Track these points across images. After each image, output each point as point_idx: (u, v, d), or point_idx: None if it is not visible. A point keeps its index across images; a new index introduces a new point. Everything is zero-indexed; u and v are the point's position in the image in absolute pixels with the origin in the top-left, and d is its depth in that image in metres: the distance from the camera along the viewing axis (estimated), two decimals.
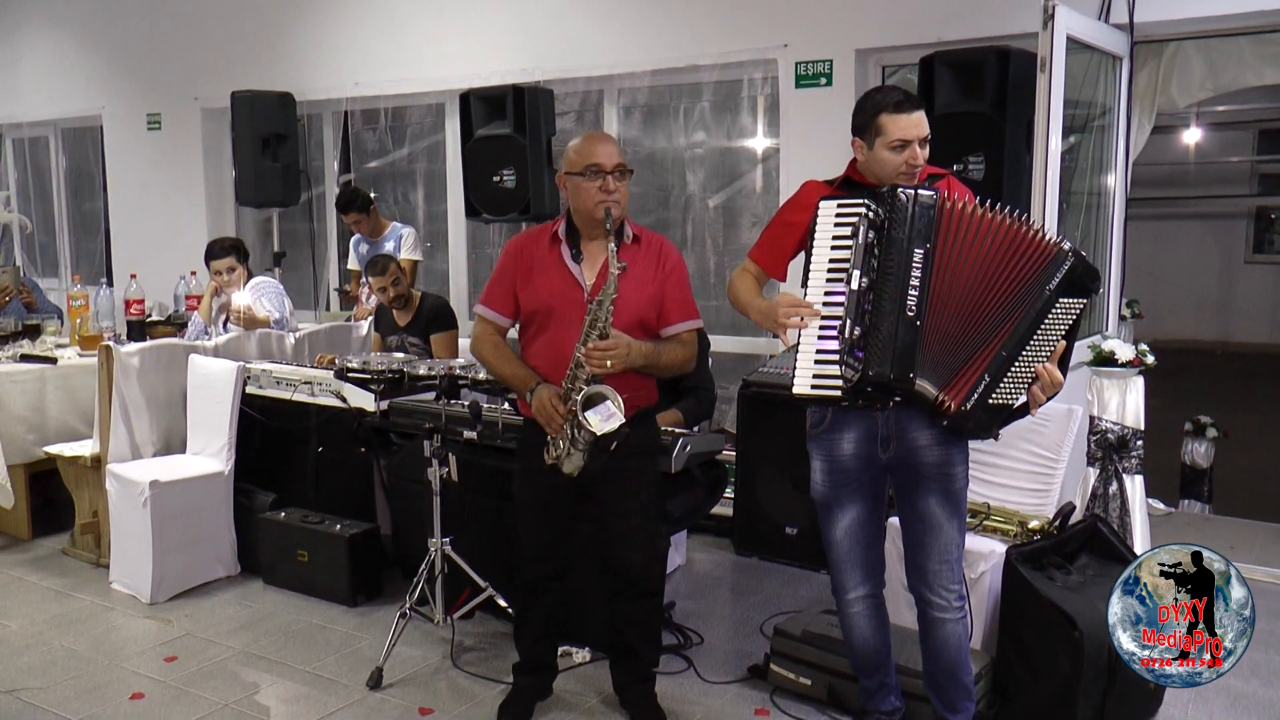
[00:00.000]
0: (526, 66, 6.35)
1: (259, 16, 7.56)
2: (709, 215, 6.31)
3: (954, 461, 2.98)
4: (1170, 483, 6.04)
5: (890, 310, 2.78)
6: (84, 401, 5.36)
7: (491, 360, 3.34)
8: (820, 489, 3.11)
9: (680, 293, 3.33)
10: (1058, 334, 2.79)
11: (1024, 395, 2.83)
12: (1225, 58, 4.97)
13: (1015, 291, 2.79)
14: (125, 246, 8.65)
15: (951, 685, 3.12)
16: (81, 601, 4.65)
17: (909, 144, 2.93)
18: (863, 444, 3.01)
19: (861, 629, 3.20)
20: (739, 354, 6.03)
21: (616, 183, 3.16)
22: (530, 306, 3.27)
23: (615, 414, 3.06)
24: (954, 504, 3.00)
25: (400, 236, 6.51)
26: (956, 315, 2.81)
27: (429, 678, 3.86)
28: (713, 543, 5.31)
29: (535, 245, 3.30)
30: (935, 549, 3.02)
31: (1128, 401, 4.20)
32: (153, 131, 8.29)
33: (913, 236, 2.78)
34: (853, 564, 3.14)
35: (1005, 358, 2.78)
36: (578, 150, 3.21)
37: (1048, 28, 4.15)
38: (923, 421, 2.93)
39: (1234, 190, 13.11)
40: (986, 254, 2.80)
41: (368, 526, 4.60)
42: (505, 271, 3.33)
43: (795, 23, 5.57)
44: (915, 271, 2.78)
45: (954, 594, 3.04)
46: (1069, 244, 2.80)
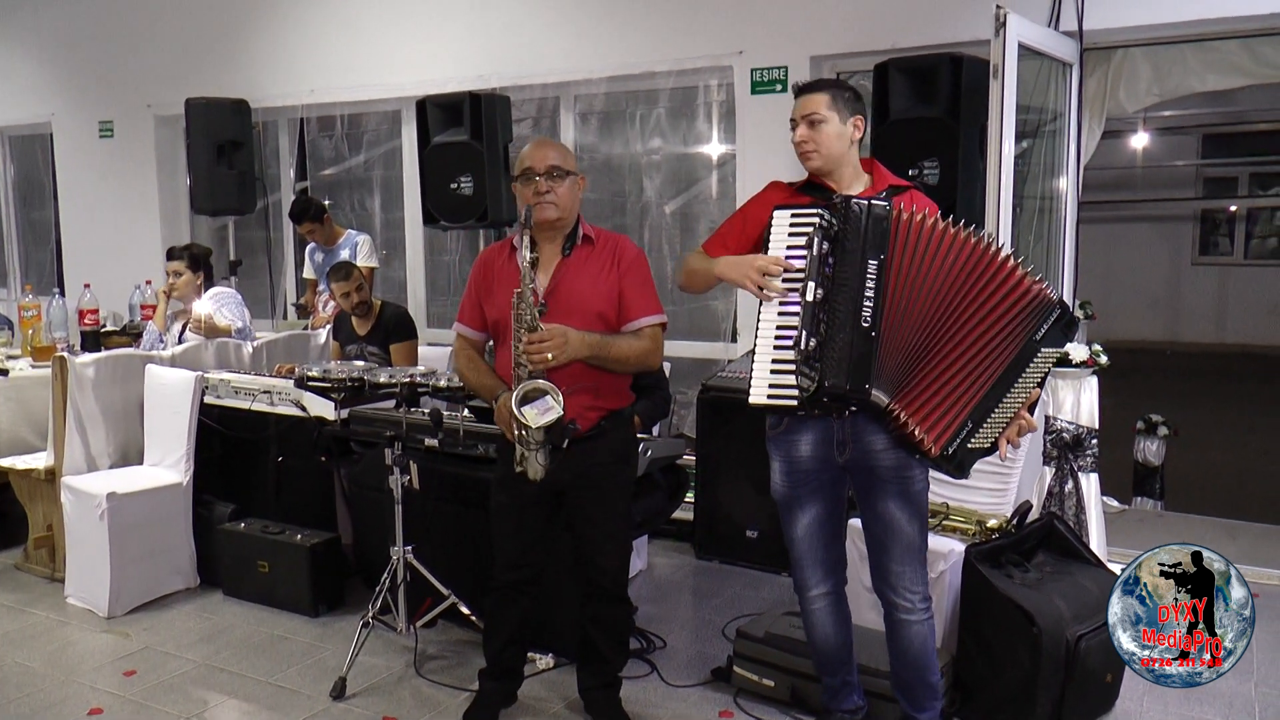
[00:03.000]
0: (483, 73, 6.35)
1: (213, 23, 7.49)
2: (666, 221, 6.33)
3: (910, 465, 3.00)
4: (1124, 480, 6.13)
5: (845, 322, 2.79)
6: (37, 413, 5.29)
7: (466, 374, 3.39)
8: (780, 489, 3.14)
9: (640, 287, 3.31)
10: (1035, 381, 2.84)
11: (997, 437, 2.87)
12: (1170, 64, 5.07)
13: (999, 330, 2.80)
14: (77, 256, 8.53)
15: (919, 685, 3.15)
16: (36, 617, 4.58)
17: (796, 125, 3.07)
18: (819, 446, 3.04)
19: (824, 626, 3.23)
20: (697, 359, 6.05)
21: (550, 183, 3.19)
22: (492, 317, 3.31)
23: (553, 407, 3.02)
24: (914, 506, 3.03)
25: (355, 244, 6.49)
26: (917, 327, 2.82)
27: (393, 687, 3.85)
28: (674, 547, 5.33)
29: (496, 257, 3.35)
30: (897, 551, 3.05)
31: (1082, 401, 4.27)
32: (105, 139, 8.19)
33: (866, 247, 2.78)
34: (814, 561, 3.17)
35: (988, 405, 2.82)
36: (518, 160, 3.29)
37: (999, 35, 4.22)
38: (878, 426, 2.95)
39: (1180, 193, 13.36)
40: (949, 268, 2.81)
41: (329, 536, 4.58)
42: (472, 286, 3.39)
43: (750, 30, 5.61)
44: (870, 282, 2.78)
45: (918, 595, 3.07)
46: (1055, 294, 2.84)
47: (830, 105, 3.03)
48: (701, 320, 6.20)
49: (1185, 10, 4.62)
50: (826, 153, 3.05)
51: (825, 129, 3.03)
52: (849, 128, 3.06)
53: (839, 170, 3.08)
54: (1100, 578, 3.59)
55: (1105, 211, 12.27)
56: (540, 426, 3.02)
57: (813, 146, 3.04)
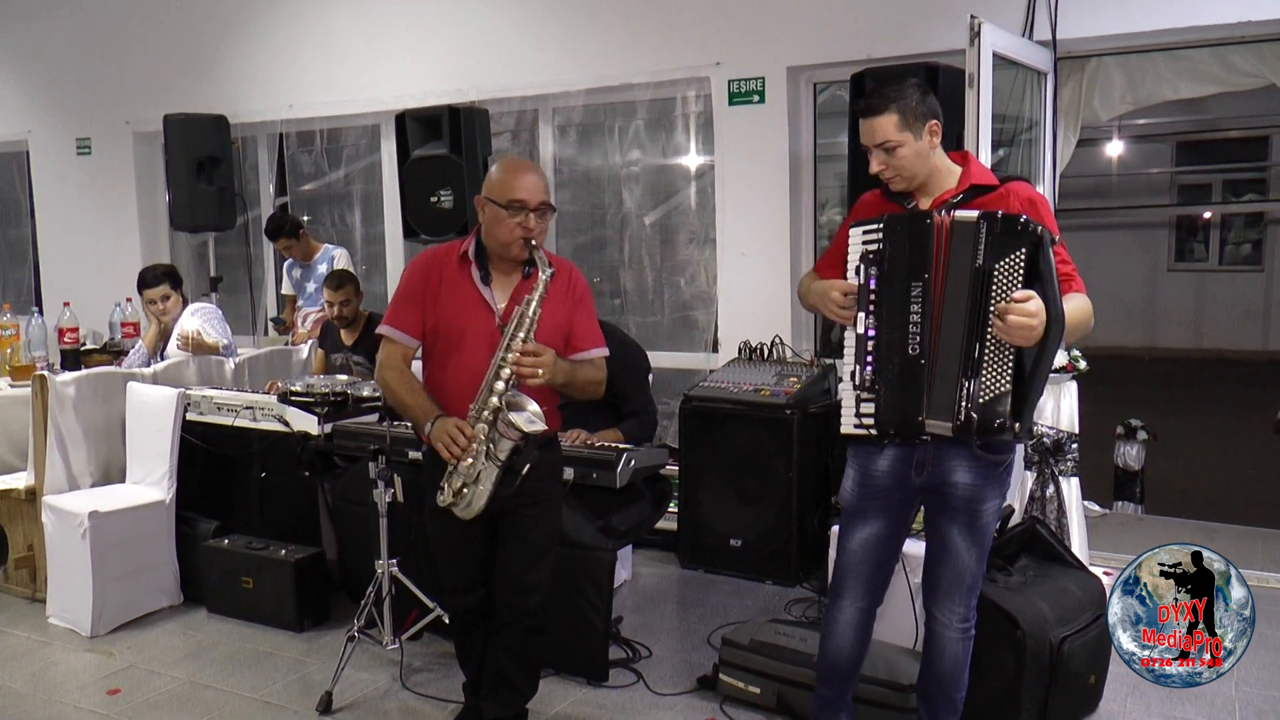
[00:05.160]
0: (461, 87, 6.37)
1: (191, 38, 7.48)
2: (645, 232, 6.36)
3: (985, 498, 2.90)
4: (1104, 485, 6.18)
5: (894, 351, 2.73)
6: (16, 433, 5.26)
7: (396, 387, 3.15)
8: (849, 497, 3.05)
9: (591, 319, 3.28)
10: (1007, 294, 2.62)
11: (1009, 374, 2.66)
12: (1143, 73, 5.13)
13: (955, 287, 2.70)
14: (56, 274, 8.49)
15: (940, 698, 3.10)
16: (16, 637, 4.55)
17: (869, 150, 2.88)
18: (898, 464, 2.95)
19: (843, 637, 3.12)
20: (679, 369, 6.07)
21: (537, 220, 3.07)
22: (439, 326, 3.15)
23: (537, 420, 2.99)
24: (976, 537, 2.94)
25: (332, 258, 6.49)
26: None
27: (379, 700, 3.84)
28: (658, 556, 5.34)
29: (444, 264, 3.18)
30: (947, 573, 2.98)
31: (1062, 406, 4.30)
32: (82, 156, 8.15)
33: (908, 269, 2.69)
34: (859, 576, 3.07)
35: (967, 350, 2.69)
36: (503, 182, 3.08)
37: (974, 44, 4.26)
38: (961, 452, 2.84)
39: (1155, 200, 13.50)
40: None
41: (313, 551, 4.57)
42: (413, 290, 3.18)
43: (727, 41, 5.65)
44: (915, 306, 2.70)
45: (958, 615, 3.00)
46: (978, 212, 2.69)
47: (901, 126, 2.80)
48: (683, 331, 6.23)
49: (1156, 19, 4.69)
50: (910, 175, 2.85)
51: (902, 153, 2.82)
52: (925, 139, 2.84)
53: (928, 182, 2.90)
54: (1082, 581, 3.62)
55: (1082, 219, 12.39)
56: (528, 434, 2.98)
57: (893, 173, 2.85)
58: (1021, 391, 2.67)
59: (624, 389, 4.52)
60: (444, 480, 3.06)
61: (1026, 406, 2.70)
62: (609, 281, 6.58)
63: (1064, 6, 4.84)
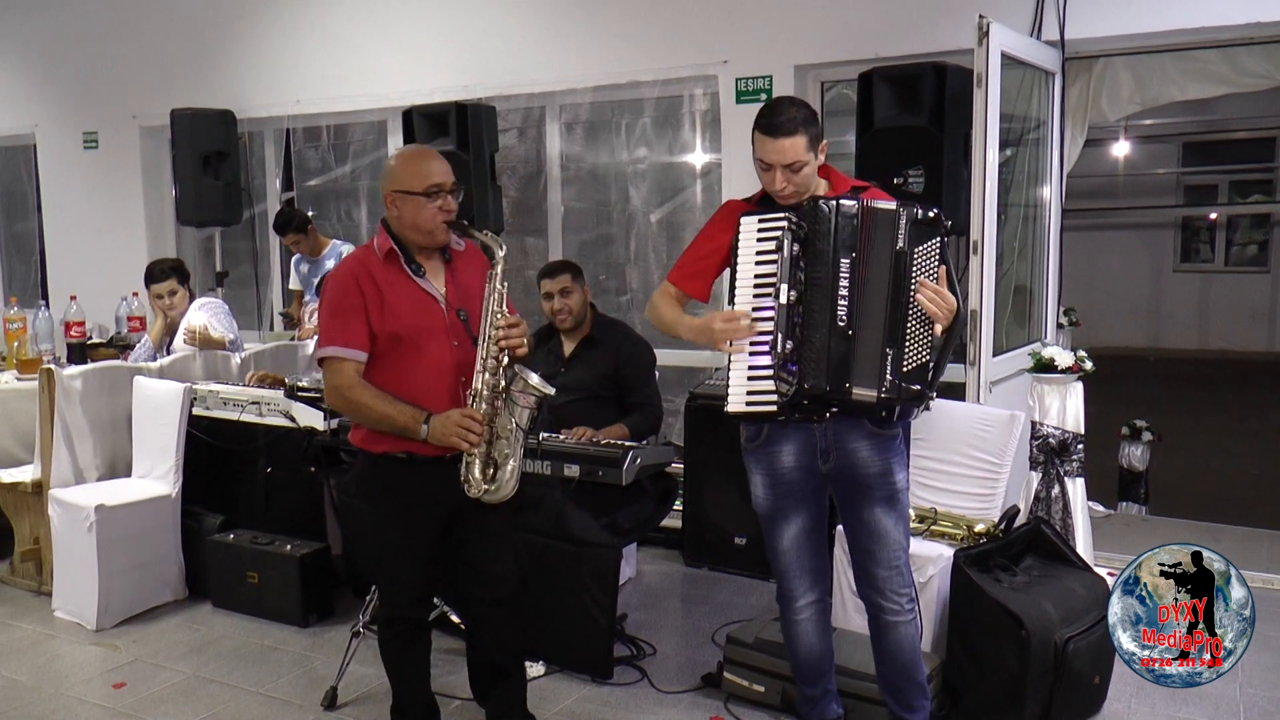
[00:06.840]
0: (468, 83, 6.37)
1: (198, 33, 7.48)
2: (651, 230, 6.36)
3: (894, 470, 3.01)
4: (1109, 485, 6.18)
5: (821, 322, 2.84)
6: (22, 426, 5.26)
7: (371, 402, 3.02)
8: (762, 502, 3.12)
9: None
10: (929, 273, 2.82)
11: (929, 345, 2.83)
12: (1151, 73, 5.13)
13: (878, 267, 2.84)
14: (62, 268, 8.50)
15: (908, 685, 3.15)
16: (23, 630, 4.56)
17: (771, 168, 2.95)
18: (802, 455, 3.03)
19: (808, 636, 3.21)
20: (684, 367, 6.07)
21: (454, 201, 3.12)
22: (391, 330, 3.05)
23: (546, 382, 3.01)
24: (898, 510, 3.04)
25: (340, 254, 6.48)
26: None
27: (384, 696, 3.82)
28: (662, 554, 5.34)
29: (370, 270, 3.09)
30: (884, 556, 3.05)
31: (1068, 406, 4.29)
32: (89, 150, 8.16)
33: (838, 246, 2.83)
34: (801, 572, 3.15)
35: (891, 323, 2.82)
36: (415, 171, 3.08)
37: (983, 44, 4.26)
38: (860, 431, 2.96)
39: (1161, 201, 13.49)
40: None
41: (319, 546, 4.58)
42: (350, 304, 3.05)
43: (735, 39, 5.64)
44: (843, 281, 2.83)
45: (905, 597, 3.08)
46: (897, 202, 2.87)
47: (808, 147, 2.95)
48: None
49: (1165, 20, 4.68)
50: (805, 189, 2.99)
51: (806, 171, 2.97)
52: (818, 157, 3.02)
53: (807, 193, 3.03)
54: (1087, 581, 3.62)
55: (1088, 219, 12.38)
56: (546, 394, 2.99)
57: (793, 190, 2.96)
58: (937, 363, 2.87)
59: (631, 380, 4.63)
60: (465, 473, 3.03)
61: (937, 378, 2.91)
62: (615, 279, 6.58)
63: (1072, 7, 4.83)
